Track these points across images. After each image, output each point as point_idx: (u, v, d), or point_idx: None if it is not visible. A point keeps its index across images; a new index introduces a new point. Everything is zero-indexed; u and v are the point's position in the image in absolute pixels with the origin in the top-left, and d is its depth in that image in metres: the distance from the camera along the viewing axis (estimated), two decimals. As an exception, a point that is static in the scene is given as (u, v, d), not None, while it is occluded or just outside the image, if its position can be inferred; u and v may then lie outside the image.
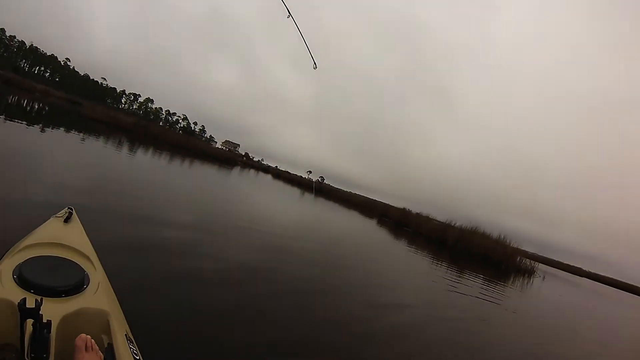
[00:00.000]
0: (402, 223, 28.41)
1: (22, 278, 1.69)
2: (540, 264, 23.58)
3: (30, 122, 14.21)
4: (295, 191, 35.86)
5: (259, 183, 31.54)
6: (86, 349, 1.34)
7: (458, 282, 9.95)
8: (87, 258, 2.17)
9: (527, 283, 16.21)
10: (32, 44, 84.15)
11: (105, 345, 1.56)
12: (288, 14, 4.43)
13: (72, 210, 2.81)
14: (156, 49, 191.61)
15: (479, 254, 19.54)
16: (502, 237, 21.10)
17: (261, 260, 6.05)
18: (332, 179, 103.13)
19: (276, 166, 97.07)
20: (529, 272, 20.17)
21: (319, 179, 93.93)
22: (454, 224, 23.27)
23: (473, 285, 10.39)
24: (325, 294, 5.40)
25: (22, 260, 1.85)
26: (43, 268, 1.83)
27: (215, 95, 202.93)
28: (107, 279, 2.14)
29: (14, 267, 1.78)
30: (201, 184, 15.43)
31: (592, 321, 11.77)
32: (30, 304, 1.28)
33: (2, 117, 12.92)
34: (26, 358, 1.29)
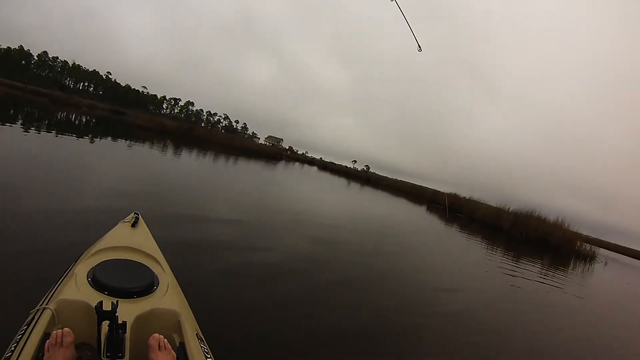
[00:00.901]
0: (453, 209, 27.14)
1: (95, 280, 1.75)
2: (599, 248, 21.44)
3: (83, 135, 14.79)
4: (342, 181, 36.06)
5: (307, 175, 31.85)
6: (159, 348, 1.35)
7: (517, 268, 9.59)
8: (156, 260, 2.22)
9: (589, 269, 15.03)
10: (74, 62, 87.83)
11: (177, 345, 1.56)
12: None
13: (138, 215, 2.87)
14: (191, 53, 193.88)
15: (537, 238, 18.40)
16: (560, 220, 19.71)
17: (317, 250, 6.23)
18: (377, 167, 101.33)
19: (320, 158, 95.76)
20: (590, 257, 18.41)
21: (364, 168, 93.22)
22: (508, 209, 22.13)
23: (532, 270, 9.91)
24: (383, 281, 5.45)
25: (95, 264, 1.91)
26: (115, 271, 1.88)
27: (253, 93, 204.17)
28: (175, 280, 2.17)
29: (87, 270, 1.84)
30: (253, 179, 16.04)
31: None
32: (106, 306, 1.34)
33: (61, 133, 13.40)
34: (103, 357, 1.32)
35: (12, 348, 1.33)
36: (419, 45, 4.48)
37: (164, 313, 1.70)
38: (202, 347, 1.58)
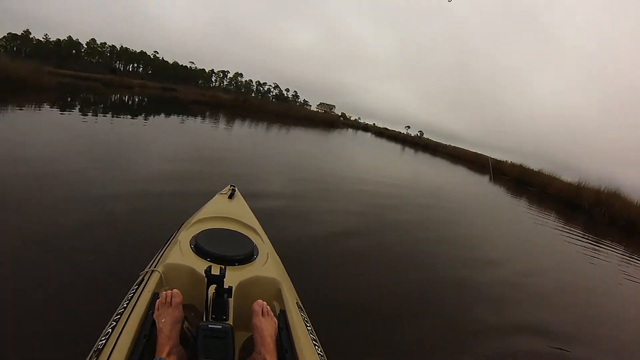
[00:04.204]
0: (522, 181, 24.91)
1: (198, 247, 1.82)
2: None
3: (146, 116, 15.12)
4: (401, 148, 35.99)
5: (367, 143, 31.92)
6: (262, 314, 1.36)
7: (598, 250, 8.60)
8: (254, 230, 2.26)
9: None
10: (122, 45, 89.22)
11: (278, 312, 1.56)
12: None
13: (234, 187, 2.97)
14: (232, 24, 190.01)
15: (623, 221, 15.70)
16: None
17: (393, 218, 6.61)
18: (431, 133, 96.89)
19: (374, 123, 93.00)
20: None
21: (418, 134, 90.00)
22: (587, 185, 19.55)
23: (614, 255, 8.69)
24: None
25: (197, 232, 1.99)
26: (216, 239, 1.94)
27: (300, 60, 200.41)
28: (274, 250, 2.20)
29: (190, 238, 1.93)
30: (323, 147, 17.19)
31: None
32: (214, 271, 1.38)
33: (125, 115, 13.82)
34: (208, 318, 1.39)
35: (125, 305, 1.40)
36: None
37: (265, 281, 1.71)
38: (302, 315, 1.58)
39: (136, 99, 24.89)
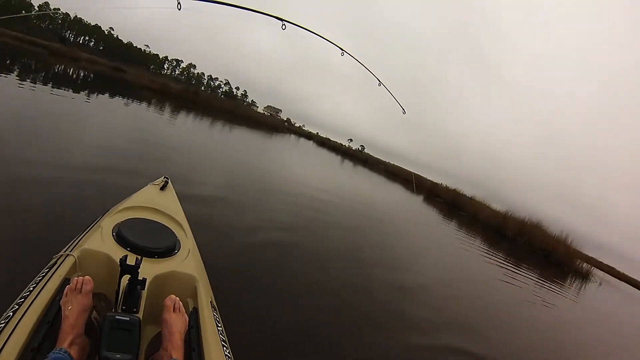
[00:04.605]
0: (455, 205, 26.43)
1: (120, 236, 1.78)
2: (595, 268, 21.04)
3: (89, 93, 14.55)
4: (340, 160, 36.85)
5: (309, 150, 32.68)
6: (174, 310, 1.35)
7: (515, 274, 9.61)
8: (180, 225, 2.24)
9: (584, 287, 14.68)
10: (76, 15, 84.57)
11: (191, 309, 1.56)
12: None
13: (167, 179, 2.96)
14: (194, 14, 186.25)
15: (541, 250, 17.76)
16: (565, 235, 19.03)
17: (322, 228, 6.82)
18: (373, 148, 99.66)
19: (317, 132, 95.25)
20: (586, 277, 17.61)
21: (359, 148, 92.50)
22: (512, 215, 21.27)
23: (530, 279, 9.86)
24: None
25: (121, 220, 1.96)
26: (139, 229, 1.89)
27: (255, 60, 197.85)
28: (196, 246, 2.16)
29: (113, 225, 1.88)
30: (264, 151, 17.28)
31: None
32: (130, 261, 1.35)
33: (70, 90, 13.03)
34: (118, 308, 1.37)
35: (31, 288, 1.36)
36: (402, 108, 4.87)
37: (182, 277, 1.72)
38: (214, 315, 1.60)
39: (81, 74, 23.90)
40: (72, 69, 24.50)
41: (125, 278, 1.38)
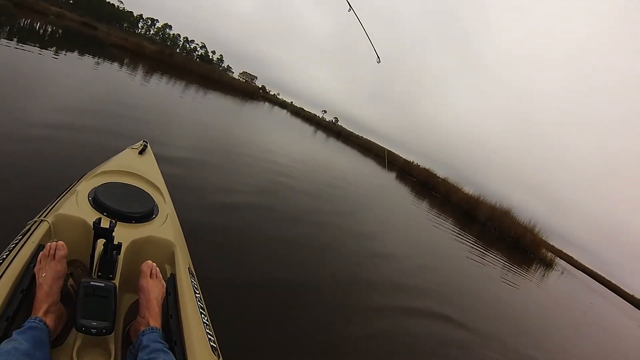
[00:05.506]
0: (427, 185, 26.89)
1: (96, 201, 1.74)
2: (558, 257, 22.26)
3: (59, 49, 13.98)
4: (313, 130, 37.14)
5: (284, 119, 32.89)
6: (151, 276, 1.34)
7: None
8: (158, 189, 2.23)
9: (547, 274, 15.44)
10: (45, -36, 79.85)
11: (168, 275, 1.56)
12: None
13: (147, 143, 2.92)
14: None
15: (509, 236, 18.64)
16: (532, 223, 19.89)
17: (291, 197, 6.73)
18: (346, 121, 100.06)
19: (292, 102, 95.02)
20: (550, 265, 18.85)
21: (333, 120, 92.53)
22: (484, 200, 21.89)
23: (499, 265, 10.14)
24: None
25: (98, 184, 1.91)
26: (117, 194, 1.86)
27: (234, 24, 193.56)
28: (175, 211, 2.16)
29: (89, 190, 1.83)
30: (240, 117, 17.41)
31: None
32: (104, 224, 1.30)
33: (37, 46, 12.38)
34: (94, 275, 1.35)
35: (4, 256, 1.33)
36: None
37: (160, 242, 1.69)
38: (192, 281, 1.59)
39: (49, 29, 22.77)
40: (39, 24, 23.25)
41: (100, 242, 1.35)
